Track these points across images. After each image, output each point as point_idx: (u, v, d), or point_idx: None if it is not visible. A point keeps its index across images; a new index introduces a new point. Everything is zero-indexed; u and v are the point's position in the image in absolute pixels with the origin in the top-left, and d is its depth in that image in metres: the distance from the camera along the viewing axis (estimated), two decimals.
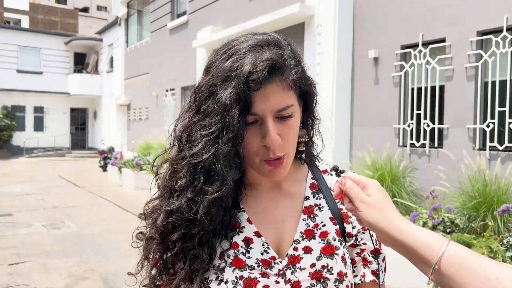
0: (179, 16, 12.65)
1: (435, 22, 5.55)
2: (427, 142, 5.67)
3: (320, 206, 0.91)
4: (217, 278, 0.83)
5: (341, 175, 0.85)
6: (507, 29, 4.85)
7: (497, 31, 4.98)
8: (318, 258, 0.85)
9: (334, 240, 0.88)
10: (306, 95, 0.89)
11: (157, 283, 0.90)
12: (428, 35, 5.65)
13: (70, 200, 9.60)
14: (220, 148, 0.78)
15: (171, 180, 0.85)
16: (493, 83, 5.03)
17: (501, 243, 3.71)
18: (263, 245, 0.86)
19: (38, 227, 6.98)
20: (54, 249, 5.74)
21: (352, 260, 0.91)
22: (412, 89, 5.93)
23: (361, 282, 0.90)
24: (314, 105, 0.92)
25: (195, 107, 0.84)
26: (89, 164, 18.52)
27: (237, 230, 0.88)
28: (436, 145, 5.60)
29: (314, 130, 0.94)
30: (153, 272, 0.90)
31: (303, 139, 0.91)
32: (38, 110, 24.57)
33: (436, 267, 0.67)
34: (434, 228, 4.18)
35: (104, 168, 15.20)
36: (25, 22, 28.82)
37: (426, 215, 4.36)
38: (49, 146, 24.21)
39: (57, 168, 16.89)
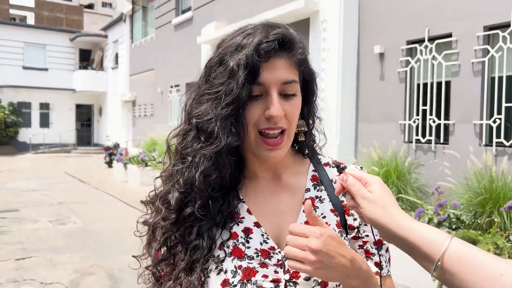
0: (183, 12, 12.64)
1: (441, 17, 5.50)
2: (433, 138, 5.63)
3: (321, 198, 0.92)
4: (216, 267, 0.84)
5: (343, 171, 0.84)
6: None
7: (504, 26, 4.92)
8: None
9: (335, 231, 0.87)
10: (308, 86, 0.90)
11: (160, 272, 0.90)
12: (434, 30, 5.60)
13: (76, 196, 9.66)
14: (220, 109, 0.81)
15: (181, 149, 0.87)
16: (500, 78, 4.98)
17: (507, 240, 3.69)
18: (262, 235, 0.87)
19: (44, 222, 7.03)
20: (60, 244, 5.77)
21: None
22: (418, 85, 5.89)
23: None
24: (314, 98, 0.93)
25: (204, 77, 0.87)
26: (95, 160, 18.61)
27: (237, 220, 0.88)
28: (442, 141, 5.56)
29: (313, 122, 0.95)
30: (157, 253, 0.90)
31: (302, 129, 0.92)
32: (44, 106, 24.71)
33: (439, 263, 0.66)
34: (439, 224, 4.16)
35: (109, 164, 15.28)
36: (31, 19, 28.92)
37: (431, 212, 4.34)
38: (55, 142, 24.36)
39: (62, 164, 16.98)
